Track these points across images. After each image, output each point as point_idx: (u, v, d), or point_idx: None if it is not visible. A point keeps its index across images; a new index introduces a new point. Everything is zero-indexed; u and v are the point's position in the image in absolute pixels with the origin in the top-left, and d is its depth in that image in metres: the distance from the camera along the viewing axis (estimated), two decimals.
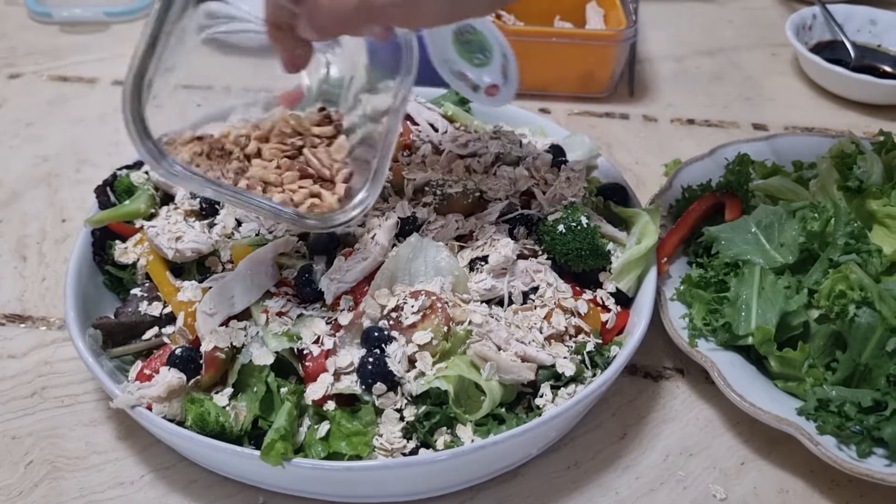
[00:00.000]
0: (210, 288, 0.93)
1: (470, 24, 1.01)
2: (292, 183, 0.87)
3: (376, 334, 0.87)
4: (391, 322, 0.88)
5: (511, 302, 0.94)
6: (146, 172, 1.08)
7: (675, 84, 1.62)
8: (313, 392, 0.85)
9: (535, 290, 0.95)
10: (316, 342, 0.88)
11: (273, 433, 0.80)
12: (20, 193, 1.31)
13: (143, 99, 0.75)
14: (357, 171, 0.90)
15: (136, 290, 0.98)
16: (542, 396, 0.88)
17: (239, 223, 1.01)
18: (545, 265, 0.98)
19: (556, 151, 1.13)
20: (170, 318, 0.94)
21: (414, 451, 0.83)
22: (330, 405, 0.85)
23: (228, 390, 0.88)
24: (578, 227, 0.97)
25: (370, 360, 0.84)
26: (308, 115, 0.96)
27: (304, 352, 0.87)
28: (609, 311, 0.97)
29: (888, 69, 1.58)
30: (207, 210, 1.03)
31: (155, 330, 0.94)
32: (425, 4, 0.76)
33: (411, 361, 0.86)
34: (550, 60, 1.48)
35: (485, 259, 0.95)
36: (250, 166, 0.89)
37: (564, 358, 0.90)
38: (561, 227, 0.97)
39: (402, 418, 0.84)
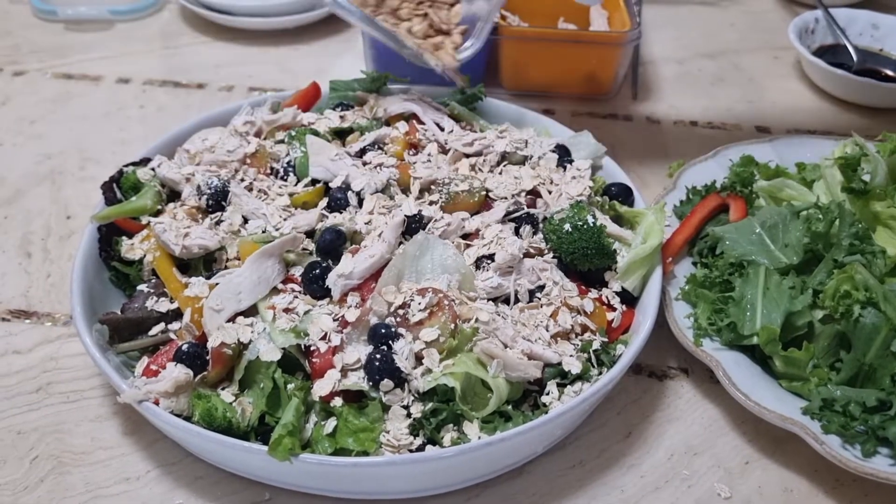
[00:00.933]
0: (217, 284, 0.93)
1: None
2: (420, 30, 1.15)
3: (383, 331, 0.87)
4: (398, 319, 0.88)
5: (517, 300, 0.95)
6: (152, 169, 1.08)
7: (677, 86, 1.62)
8: (320, 388, 0.85)
9: (542, 288, 0.96)
10: (323, 339, 0.88)
11: (281, 428, 0.80)
12: (24, 191, 1.31)
13: None
14: (470, 30, 1.18)
15: (142, 287, 0.98)
16: (548, 394, 0.88)
17: (245, 220, 1.01)
18: (551, 264, 0.98)
19: (562, 151, 1.14)
20: (176, 314, 0.94)
21: (421, 448, 0.83)
22: (337, 401, 0.85)
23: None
24: (584, 226, 0.97)
25: (377, 356, 0.85)
26: None
27: (311, 348, 0.87)
28: (614, 309, 0.98)
29: (890, 73, 1.59)
30: (214, 207, 1.03)
31: (161, 326, 0.94)
32: None
33: (418, 358, 0.86)
34: (555, 61, 1.49)
35: (491, 257, 0.96)
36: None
37: (571, 356, 0.90)
38: (567, 226, 0.97)
39: (408, 415, 0.84)
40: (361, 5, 1.15)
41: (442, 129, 1.16)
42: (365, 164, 1.08)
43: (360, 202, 1.02)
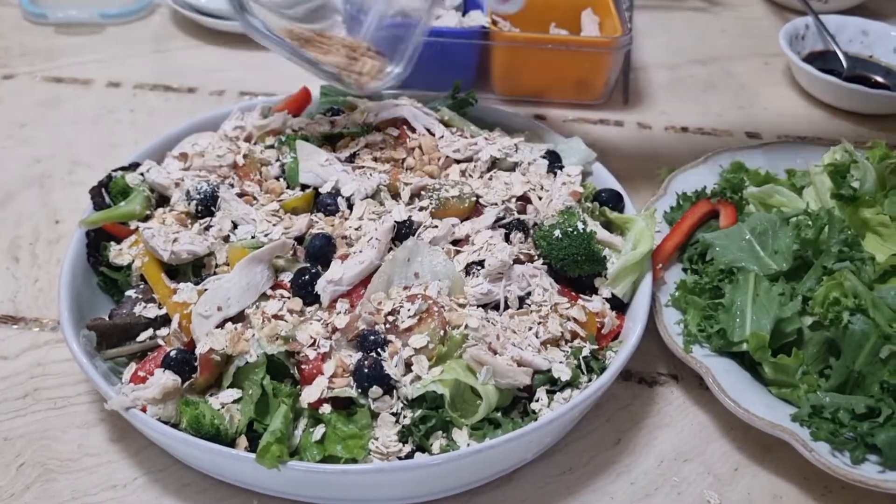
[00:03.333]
0: (205, 290, 0.92)
1: None
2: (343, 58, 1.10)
3: (372, 338, 0.86)
4: (388, 325, 0.88)
5: (507, 306, 0.94)
6: (142, 174, 1.08)
7: (669, 92, 1.63)
8: (309, 395, 0.84)
9: (531, 294, 0.95)
10: (312, 345, 0.87)
11: (269, 436, 0.80)
12: (13, 194, 1.30)
13: None
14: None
15: (130, 292, 0.98)
16: (537, 401, 0.88)
17: (235, 226, 1.01)
18: (541, 270, 0.98)
19: (552, 157, 1.14)
20: (164, 320, 0.94)
21: (409, 455, 0.83)
22: (325, 408, 0.84)
23: (224, 392, 0.87)
24: (574, 233, 0.97)
25: (366, 363, 0.84)
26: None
27: (300, 355, 0.87)
28: (604, 316, 0.98)
29: (879, 79, 1.59)
30: (203, 212, 1.02)
31: (150, 332, 0.94)
32: None
33: (407, 365, 0.86)
34: (546, 67, 1.49)
35: (481, 263, 0.96)
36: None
37: (560, 362, 0.90)
38: (557, 233, 0.97)
39: (397, 422, 0.84)
40: (288, 36, 1.08)
41: (433, 135, 1.16)
42: (355, 169, 1.07)
43: (350, 208, 1.02)
